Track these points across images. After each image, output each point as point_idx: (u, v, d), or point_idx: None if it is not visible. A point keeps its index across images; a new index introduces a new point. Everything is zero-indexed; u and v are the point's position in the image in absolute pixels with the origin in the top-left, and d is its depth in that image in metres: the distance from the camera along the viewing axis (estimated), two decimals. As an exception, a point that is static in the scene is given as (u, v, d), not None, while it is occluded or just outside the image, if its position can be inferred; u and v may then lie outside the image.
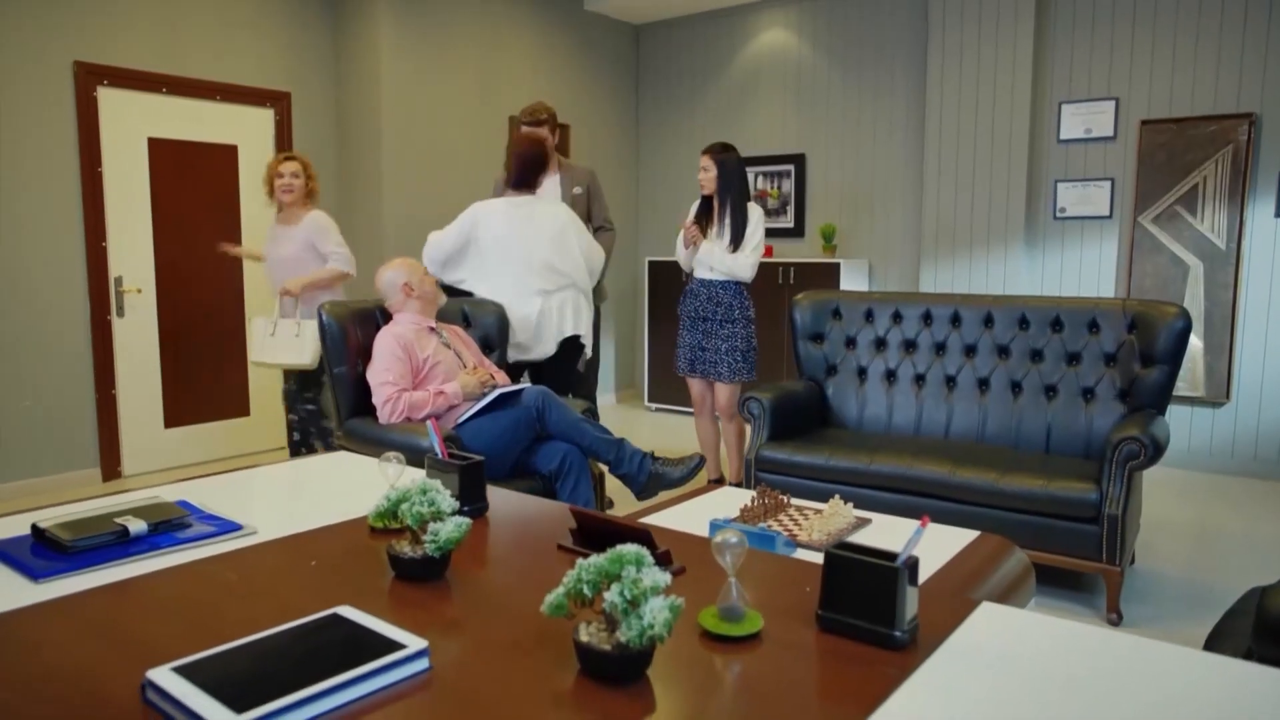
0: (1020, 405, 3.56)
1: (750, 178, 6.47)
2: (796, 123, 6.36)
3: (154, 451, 4.85)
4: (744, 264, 4.10)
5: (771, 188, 6.46)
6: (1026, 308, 3.61)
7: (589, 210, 4.31)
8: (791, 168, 6.37)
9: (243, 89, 5.06)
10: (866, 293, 4.09)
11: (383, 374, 3.12)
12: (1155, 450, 2.87)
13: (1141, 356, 3.33)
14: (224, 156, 5.06)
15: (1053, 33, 5.25)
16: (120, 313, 4.68)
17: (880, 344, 3.90)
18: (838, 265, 5.81)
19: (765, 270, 5.48)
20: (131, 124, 4.66)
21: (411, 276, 3.32)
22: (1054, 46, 5.26)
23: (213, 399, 5.11)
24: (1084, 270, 5.26)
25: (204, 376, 5.06)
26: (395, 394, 3.10)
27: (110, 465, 4.67)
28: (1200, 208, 4.83)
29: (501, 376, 3.54)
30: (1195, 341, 4.85)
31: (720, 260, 4.09)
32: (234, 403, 5.20)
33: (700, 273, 4.22)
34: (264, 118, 5.19)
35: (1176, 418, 4.98)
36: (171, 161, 4.83)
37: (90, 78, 4.46)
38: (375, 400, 3.13)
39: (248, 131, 5.14)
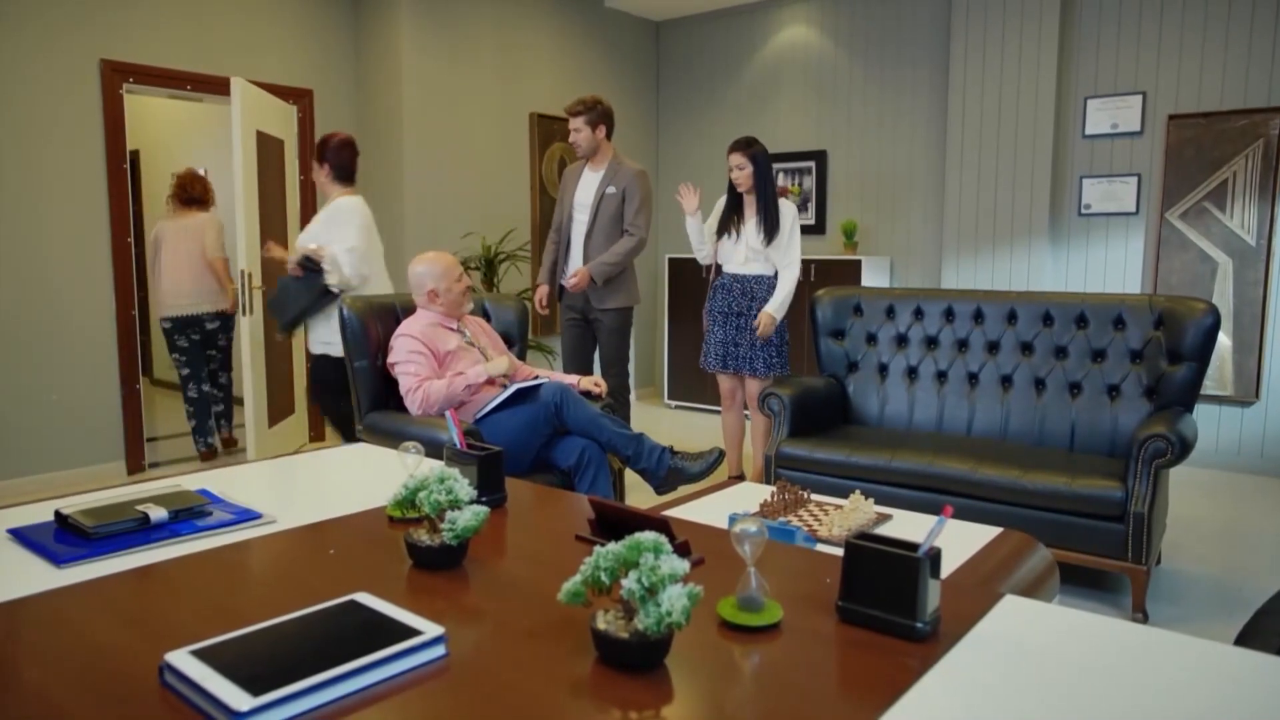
0: (1044, 402, 3.51)
1: (771, 174, 6.45)
2: (818, 119, 6.32)
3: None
4: (796, 273, 4.13)
5: (793, 184, 6.42)
6: (1050, 304, 3.56)
7: (621, 211, 4.24)
8: (813, 164, 6.33)
9: (267, 87, 5.09)
10: (888, 289, 4.05)
11: (404, 367, 3.14)
12: (1183, 448, 2.82)
13: (1169, 353, 3.28)
14: (280, 150, 5.07)
15: (1078, 26, 5.19)
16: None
17: (902, 340, 3.87)
18: (859, 262, 5.77)
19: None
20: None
21: (440, 282, 3.23)
22: (1079, 40, 5.19)
23: (285, 397, 5.10)
24: (1109, 268, 5.19)
25: (280, 374, 5.02)
26: (416, 384, 3.12)
27: (135, 459, 4.72)
28: (1230, 204, 4.75)
29: (525, 371, 3.54)
30: (1224, 339, 4.78)
31: (787, 289, 4.09)
32: (287, 401, 5.21)
33: (730, 267, 4.20)
34: (287, 115, 5.22)
35: (1204, 416, 4.91)
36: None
37: (116, 75, 4.50)
38: (402, 389, 3.14)
39: (286, 128, 5.16)
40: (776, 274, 4.17)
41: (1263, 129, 4.64)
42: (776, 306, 4.10)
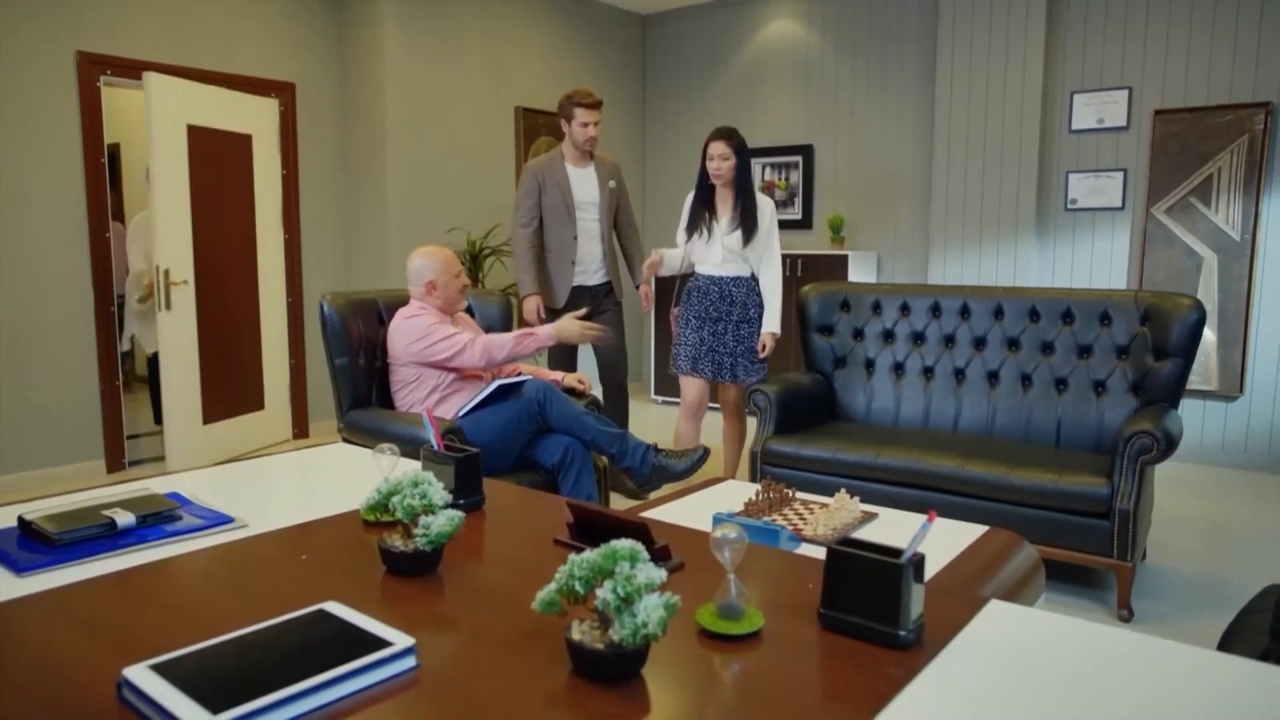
0: (1030, 398, 3.50)
1: (758, 169, 6.42)
2: (805, 113, 6.29)
3: (191, 450, 4.73)
4: (779, 276, 3.91)
5: (779, 179, 6.40)
6: (1037, 299, 3.55)
7: (619, 204, 4.30)
8: (799, 159, 6.31)
9: (247, 79, 5.03)
10: (874, 284, 4.03)
11: (436, 335, 3.08)
12: (1168, 444, 2.82)
13: (1154, 349, 3.27)
14: (240, 145, 5.01)
15: (1065, 21, 5.18)
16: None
17: (888, 336, 3.85)
18: (846, 257, 5.75)
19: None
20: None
21: (440, 276, 3.16)
22: (1066, 35, 5.18)
23: (239, 393, 5.07)
24: (1095, 262, 5.20)
25: (231, 370, 5.03)
26: (468, 340, 3.07)
27: (115, 458, 4.66)
28: (1215, 199, 4.75)
29: (508, 368, 3.51)
30: (1209, 334, 4.78)
31: (779, 300, 3.87)
32: (252, 397, 5.17)
33: (705, 268, 3.94)
34: (269, 108, 5.16)
35: (1189, 412, 4.92)
36: (200, 150, 4.77)
37: (93, 68, 4.43)
38: (446, 358, 3.08)
39: (252, 122, 5.10)
40: (754, 275, 3.91)
41: (1248, 124, 4.64)
42: (775, 323, 3.88)
